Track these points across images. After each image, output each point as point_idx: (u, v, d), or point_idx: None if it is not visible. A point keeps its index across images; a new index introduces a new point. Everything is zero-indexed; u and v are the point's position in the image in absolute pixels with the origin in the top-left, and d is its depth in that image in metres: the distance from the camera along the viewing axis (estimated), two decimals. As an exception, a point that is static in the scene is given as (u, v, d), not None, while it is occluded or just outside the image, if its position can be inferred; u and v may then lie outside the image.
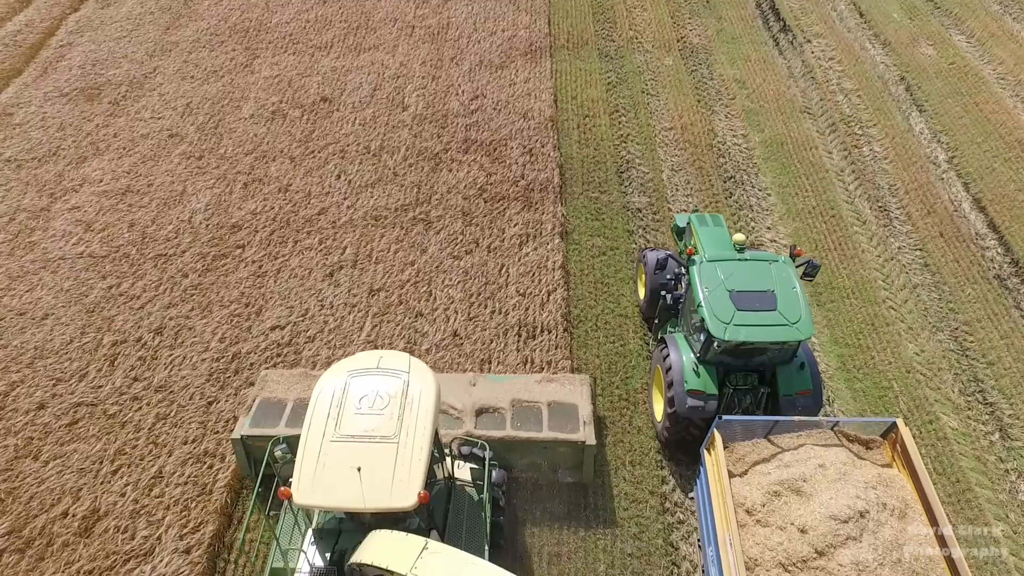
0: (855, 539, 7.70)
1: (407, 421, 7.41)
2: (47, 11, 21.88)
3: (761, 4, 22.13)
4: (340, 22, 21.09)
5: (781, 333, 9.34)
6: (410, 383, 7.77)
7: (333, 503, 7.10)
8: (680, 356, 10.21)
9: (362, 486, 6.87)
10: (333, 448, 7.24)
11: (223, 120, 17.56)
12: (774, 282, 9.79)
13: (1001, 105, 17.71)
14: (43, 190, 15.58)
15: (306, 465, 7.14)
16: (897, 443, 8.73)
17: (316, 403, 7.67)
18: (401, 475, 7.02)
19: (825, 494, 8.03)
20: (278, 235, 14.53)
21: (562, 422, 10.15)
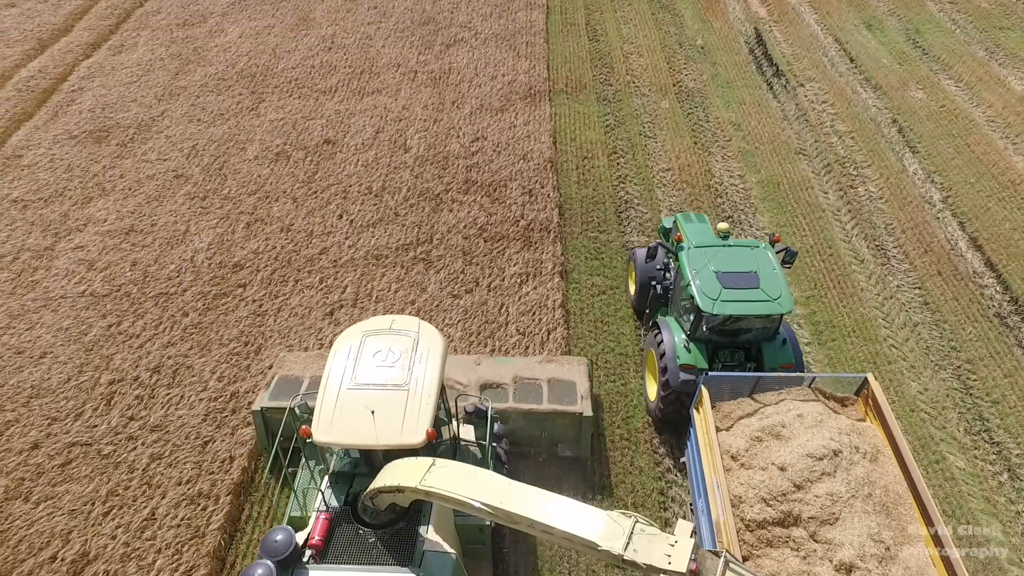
0: (830, 475, 8.47)
1: (416, 372, 8.04)
2: (61, 58, 22.51)
3: (754, 50, 22.76)
4: (345, 67, 21.67)
5: (764, 307, 10.24)
6: (419, 341, 8.43)
7: (349, 440, 7.70)
8: (672, 336, 11.03)
9: (375, 426, 7.50)
10: (349, 394, 7.86)
11: (228, 161, 17.86)
12: (756, 264, 10.74)
13: (993, 147, 18.02)
14: (48, 230, 15.75)
15: (325, 408, 7.78)
16: (869, 398, 9.52)
17: (334, 357, 8.35)
18: (411, 417, 7.62)
19: (802, 437, 8.84)
20: (279, 274, 14.61)
21: (561, 396, 10.75)
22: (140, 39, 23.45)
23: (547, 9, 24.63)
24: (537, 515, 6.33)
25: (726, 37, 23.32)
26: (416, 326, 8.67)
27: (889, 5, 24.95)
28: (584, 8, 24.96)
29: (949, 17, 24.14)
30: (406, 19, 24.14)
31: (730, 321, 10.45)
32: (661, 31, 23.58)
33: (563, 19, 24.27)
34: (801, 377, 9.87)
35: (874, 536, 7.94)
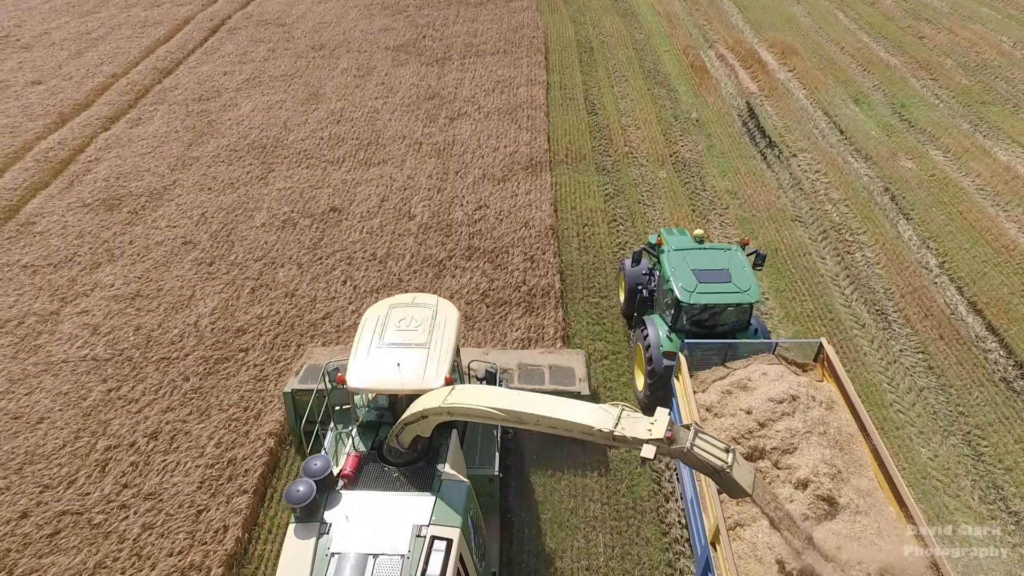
0: (789, 415, 9.85)
1: (435, 335, 9.43)
2: (80, 130, 23.41)
3: (747, 123, 23.63)
4: (352, 139, 22.47)
5: (735, 298, 11.79)
6: (438, 311, 9.89)
7: (378, 386, 8.98)
8: (656, 330, 12.50)
9: (400, 375, 8.83)
10: (378, 351, 9.22)
11: (236, 229, 18.25)
12: (728, 263, 12.37)
13: (984, 214, 18.41)
14: (55, 294, 15.92)
15: (357, 361, 9.13)
16: (825, 362, 10.88)
17: (364, 324, 9.78)
18: (431, 367, 8.97)
19: (766, 387, 10.27)
20: (282, 339, 14.64)
21: (561, 379, 12.07)
22: (157, 113, 24.45)
23: (547, 85, 25.76)
24: (543, 411, 7.74)
25: (719, 111, 24.26)
26: (435, 300, 10.16)
27: (874, 81, 26.09)
28: (583, 84, 26.11)
29: (932, 93, 25.19)
30: (412, 94, 25.22)
31: (706, 311, 11.97)
32: (657, 105, 24.57)
33: (563, 94, 25.35)
34: (767, 344, 11.35)
35: (827, 461, 9.18)
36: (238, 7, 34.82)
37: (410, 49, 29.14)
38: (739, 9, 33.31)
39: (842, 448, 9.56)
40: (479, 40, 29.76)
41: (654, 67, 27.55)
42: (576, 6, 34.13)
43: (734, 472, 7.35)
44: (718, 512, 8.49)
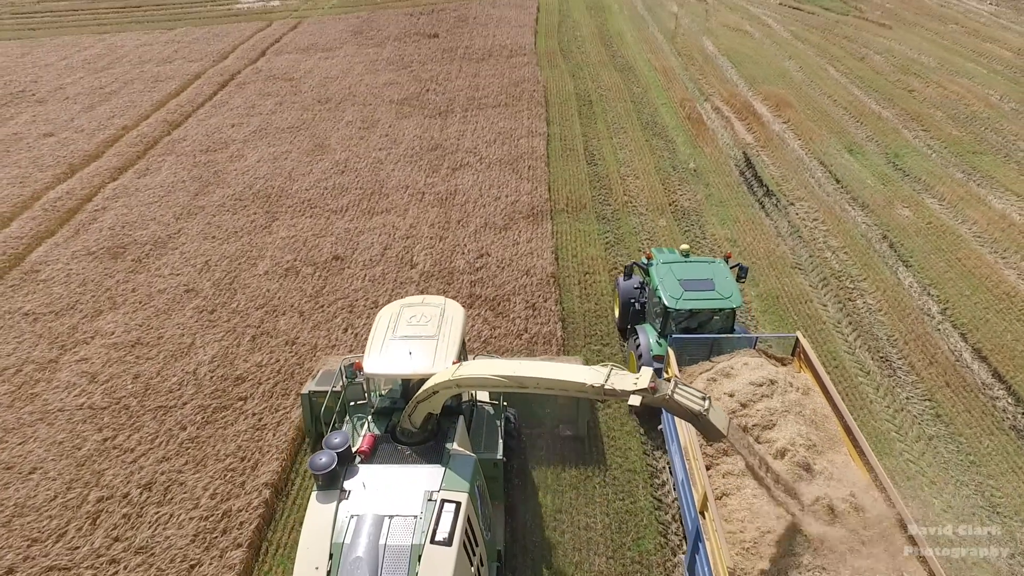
0: (768, 396, 10.68)
1: (444, 329, 10.41)
2: (88, 180, 23.83)
3: (744, 172, 24.04)
4: (356, 189, 22.83)
5: (717, 303, 12.81)
6: (446, 309, 10.95)
7: (392, 371, 9.95)
8: (647, 337, 13.54)
9: (412, 361, 9.81)
10: (392, 343, 10.21)
11: (238, 277, 18.33)
12: (712, 273, 13.39)
13: (983, 260, 18.51)
14: (55, 342, 15.86)
15: (373, 350, 10.14)
16: (802, 355, 11.82)
17: (378, 321, 10.83)
18: (440, 355, 9.89)
19: (747, 374, 11.10)
20: (281, 387, 14.49)
21: None
22: (165, 163, 24.94)
23: (547, 137, 26.35)
24: (542, 374, 8.69)
25: (717, 161, 24.72)
26: (443, 300, 11.23)
27: (867, 132, 26.68)
28: (582, 136, 26.70)
29: (924, 143, 25.73)
30: (415, 145, 25.77)
31: (692, 316, 12.94)
32: (655, 156, 25.06)
33: (562, 145, 25.90)
34: (748, 339, 12.42)
35: (803, 435, 10.00)
36: (248, 63, 35.98)
37: (414, 102, 29.95)
38: (733, 64, 34.37)
39: (817, 426, 10.48)
40: (481, 94, 30.61)
41: (652, 119, 28.24)
42: (575, 61, 35.25)
43: (711, 415, 8.27)
44: (706, 483, 9.16)
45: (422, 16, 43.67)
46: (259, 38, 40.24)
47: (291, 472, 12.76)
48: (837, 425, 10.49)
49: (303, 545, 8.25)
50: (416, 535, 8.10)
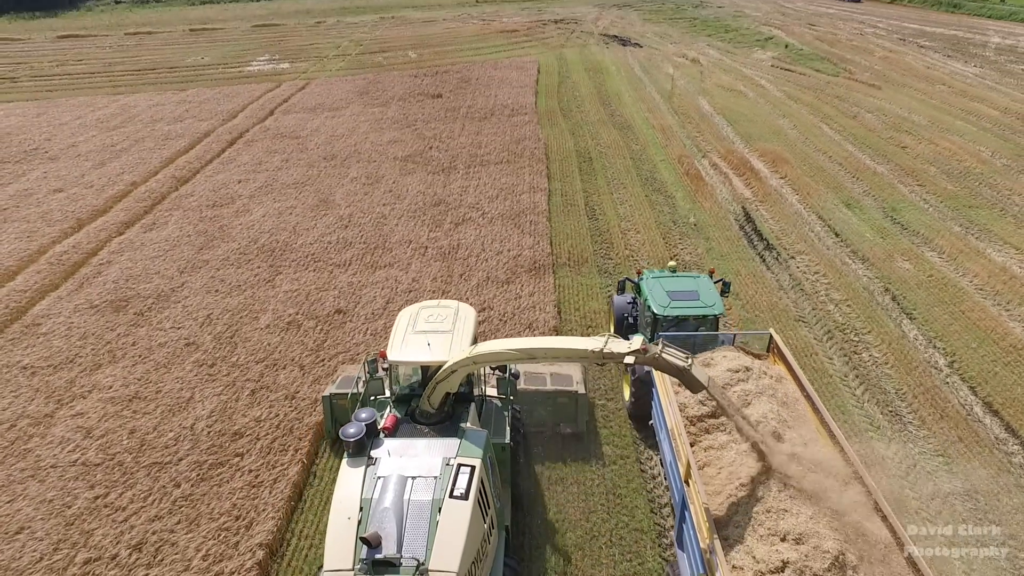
0: (744, 381, 12.01)
1: (457, 325, 11.63)
2: (95, 235, 24.08)
3: (744, 227, 24.29)
4: (359, 243, 23.02)
5: (701, 310, 14.13)
6: (459, 310, 12.18)
7: (413, 358, 11.09)
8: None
9: (431, 351, 10.98)
10: (412, 336, 11.44)
11: (240, 330, 18.25)
12: (697, 286, 14.86)
13: (987, 313, 18.45)
14: (51, 396, 15.64)
15: (396, 341, 11.38)
16: (775, 349, 13.15)
17: (399, 320, 12.08)
18: (455, 346, 11.00)
19: (725, 363, 12.46)
20: (280, 443, 14.20)
21: (560, 382, 14.25)
22: (172, 218, 25.26)
23: (549, 192, 26.78)
24: (549, 345, 10.30)
25: (716, 215, 25.03)
26: (456, 303, 12.49)
27: (863, 187, 27.12)
28: (583, 191, 27.15)
29: (920, 198, 26.11)
30: (419, 201, 26.17)
31: (678, 322, 14.05)
32: (655, 210, 25.39)
33: (564, 200, 26.29)
34: (727, 336, 13.80)
35: (774, 412, 11.17)
36: (256, 122, 36.98)
37: (417, 159, 30.60)
38: (728, 122, 35.30)
39: (788, 407, 11.67)
40: (483, 151, 31.31)
41: (651, 175, 28.77)
42: (575, 120, 36.23)
43: (693, 370, 9.76)
44: (689, 455, 10.14)
45: (426, 77, 45.19)
46: (268, 98, 41.51)
47: (287, 532, 12.36)
48: (807, 407, 11.78)
49: (336, 501, 9.32)
50: (436, 492, 9.22)
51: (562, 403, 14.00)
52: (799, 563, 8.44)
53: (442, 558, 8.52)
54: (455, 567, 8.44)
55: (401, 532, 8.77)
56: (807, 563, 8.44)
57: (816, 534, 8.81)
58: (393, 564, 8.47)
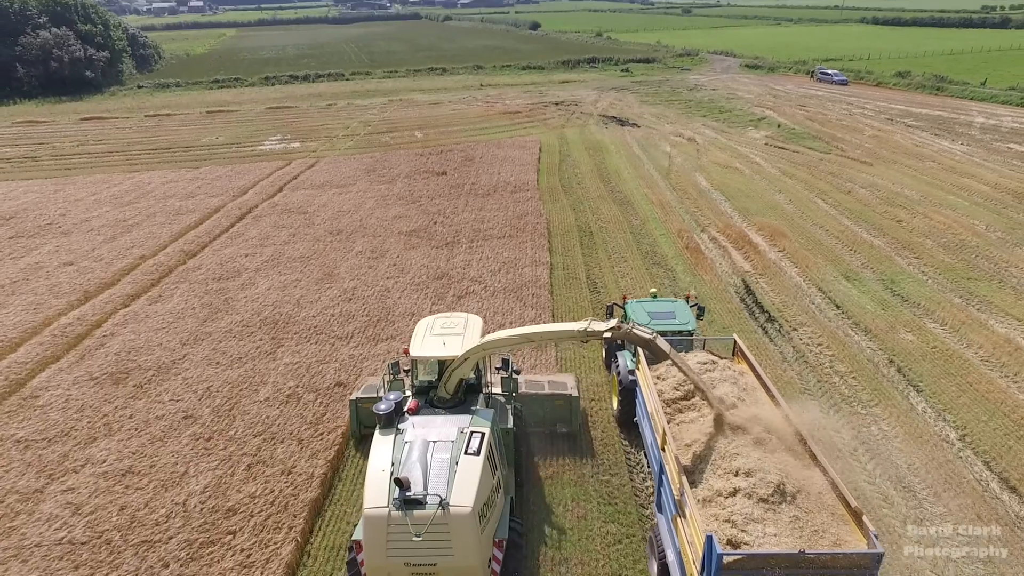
0: (710, 371, 14.09)
1: (467, 331, 13.89)
2: (101, 307, 24.29)
3: (744, 299, 24.41)
4: (362, 316, 23.14)
5: (676, 327, 16.64)
6: (468, 319, 14.52)
7: (432, 353, 13.35)
8: (623, 359, 16.57)
9: (445, 348, 13.29)
10: (430, 337, 13.81)
11: (239, 403, 18.08)
12: (674, 309, 17.69)
13: (995, 385, 18.21)
14: (43, 471, 15.32)
15: (416, 342, 13.75)
16: (739, 352, 15.03)
17: (418, 328, 14.38)
18: (465, 344, 13.18)
19: (693, 358, 14.52)
20: (274, 520, 13.76)
21: (556, 387, 16.54)
22: (177, 291, 25.55)
23: (550, 266, 27.13)
24: (542, 330, 12.95)
25: (717, 288, 25.21)
26: (466, 314, 14.83)
27: (861, 260, 27.43)
28: (584, 265, 27.50)
29: (919, 270, 26.34)
30: (422, 274, 26.50)
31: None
32: (656, 283, 25.59)
33: (565, 274, 26.60)
34: (698, 342, 16.02)
35: (734, 393, 13.03)
36: (265, 198, 38.04)
37: (421, 234, 31.23)
38: (726, 198, 36.17)
39: (747, 392, 13.41)
40: (486, 226, 31.99)
41: (651, 249, 29.22)
42: (575, 196, 37.19)
43: (657, 341, 12.42)
44: (664, 425, 11.97)
45: (431, 156, 46.79)
46: (278, 175, 42.89)
47: (277, 617, 11.79)
48: (764, 395, 13.35)
49: (371, 460, 11.47)
50: (454, 451, 11.40)
51: (558, 405, 16.26)
52: (748, 489, 10.41)
53: (460, 496, 10.65)
54: (470, 503, 10.56)
55: (426, 479, 10.91)
56: (754, 489, 10.39)
57: (761, 469, 10.73)
58: (420, 501, 10.57)
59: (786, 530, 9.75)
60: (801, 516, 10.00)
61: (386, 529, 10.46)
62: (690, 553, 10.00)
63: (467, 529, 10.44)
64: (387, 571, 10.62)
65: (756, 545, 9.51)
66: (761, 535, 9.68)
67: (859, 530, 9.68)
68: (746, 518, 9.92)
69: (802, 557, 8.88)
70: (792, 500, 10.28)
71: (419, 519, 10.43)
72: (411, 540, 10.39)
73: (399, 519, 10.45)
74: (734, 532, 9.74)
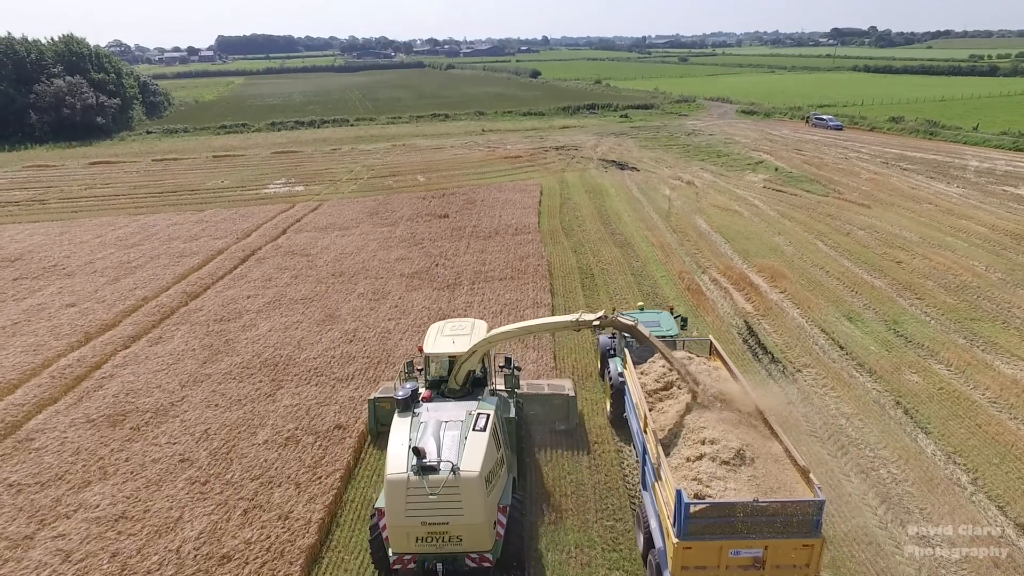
0: (688, 363, 15.28)
1: (473, 332, 15.98)
2: (101, 348, 24.19)
3: (747, 340, 24.28)
4: (363, 358, 23.01)
5: (660, 333, 17.95)
6: (474, 323, 16.73)
7: (443, 350, 15.51)
8: (615, 365, 18.62)
9: (455, 345, 15.47)
10: (441, 337, 16.05)
11: (236, 446, 17.80)
12: (659, 319, 19.74)
13: (1005, 427, 17.93)
14: (34, 516, 14.97)
15: (429, 340, 16.07)
16: (715, 351, 16.77)
17: (430, 330, 16.64)
18: (472, 341, 15.30)
19: (677, 355, 15.62)
20: (269, 567, 13.38)
21: (555, 388, 18.53)
22: (178, 332, 25.48)
23: (552, 307, 27.11)
24: (540, 323, 16.18)
25: (719, 329, 25.11)
26: (472, 319, 17.26)
27: (863, 301, 27.40)
28: (586, 306, 27.42)
29: (921, 311, 26.28)
30: (424, 316, 26.46)
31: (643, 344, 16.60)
32: (658, 324, 25.49)
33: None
34: (681, 342, 17.59)
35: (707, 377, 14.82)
36: (269, 240, 38.35)
37: (423, 276, 31.34)
38: (726, 240, 36.41)
39: (718, 377, 15.20)
40: (488, 268, 32.13)
41: (652, 290, 29.24)
42: (576, 238, 37.46)
43: (639, 326, 14.45)
44: (645, 409, 13.78)
45: (433, 199, 47.38)
46: (282, 218, 43.34)
47: (270, 672, 11.32)
48: (734, 382, 14.83)
49: (391, 438, 13.10)
50: (463, 429, 13.08)
51: (557, 404, 18.16)
52: (712, 454, 12.05)
53: (469, 462, 12.23)
54: (478, 468, 12.10)
55: (439, 450, 12.55)
56: (718, 454, 12.00)
57: (724, 438, 12.34)
58: (434, 467, 12.12)
59: (745, 486, 11.28)
60: (758, 476, 11.55)
61: (405, 492, 11.92)
62: (665, 511, 11.44)
63: (475, 491, 11.97)
64: (406, 530, 12.09)
65: (718, 497, 11.09)
66: (723, 490, 11.26)
67: (808, 486, 11.24)
68: (710, 476, 11.56)
69: (756, 505, 10.42)
70: (751, 463, 11.86)
71: (434, 482, 11.94)
72: (427, 500, 11.89)
73: (417, 483, 11.94)
74: (700, 488, 11.36)
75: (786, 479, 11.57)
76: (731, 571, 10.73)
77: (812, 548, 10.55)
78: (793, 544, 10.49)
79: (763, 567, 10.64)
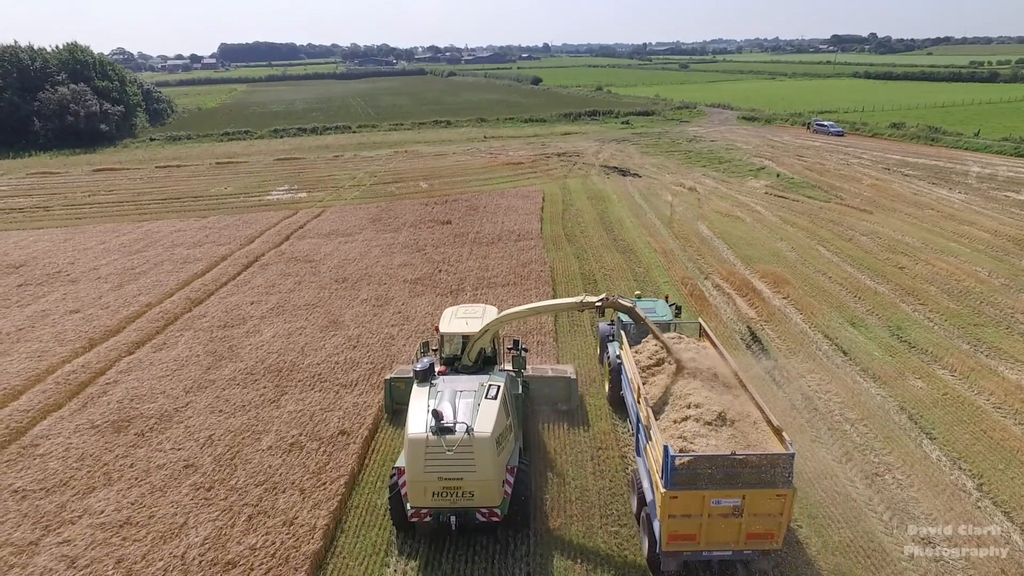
0: (677, 342, 16.87)
1: (484, 315, 17.64)
2: (105, 355, 24.24)
3: (751, 346, 24.28)
4: (366, 363, 23.03)
5: (655, 318, 18.59)
6: (485, 307, 18.38)
7: (458, 329, 17.09)
8: (613, 348, 20.03)
9: (468, 326, 17.11)
10: (455, 319, 17.69)
11: (241, 452, 17.82)
12: (654, 306, 21.40)
13: (1010, 433, 17.90)
14: (39, 522, 14.99)
15: (444, 321, 17.62)
16: (704, 333, 18.25)
17: (445, 314, 18.27)
18: (484, 320, 16.99)
19: (667, 335, 16.87)
20: (274, 573, 13.37)
21: (558, 372, 20.07)
22: (182, 338, 25.53)
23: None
24: (548, 304, 17.55)
25: (722, 335, 25.07)
26: (483, 305, 18.88)
27: (866, 306, 27.39)
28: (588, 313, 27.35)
29: (924, 316, 26.26)
30: (427, 322, 26.46)
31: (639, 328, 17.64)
32: (661, 330, 25.51)
33: (570, 321, 26.54)
34: (674, 325, 19.27)
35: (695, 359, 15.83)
36: (272, 246, 38.45)
37: (426, 282, 31.39)
38: (728, 245, 36.45)
39: (707, 357, 16.37)
40: (490, 274, 32.18)
41: (655, 295, 29.22)
42: (579, 245, 37.52)
43: (636, 309, 16.33)
44: (638, 381, 15.05)
45: (436, 206, 47.49)
46: (285, 224, 43.46)
47: None
48: (720, 359, 16.28)
49: (411, 405, 14.44)
50: (476, 398, 14.41)
51: (559, 386, 19.57)
52: (695, 416, 13.41)
53: (481, 424, 13.56)
54: (490, 430, 13.44)
55: (455, 414, 13.90)
56: (700, 416, 13.36)
57: (707, 402, 13.79)
58: (450, 428, 13.41)
59: (725, 443, 12.59)
60: (737, 434, 12.94)
61: (424, 449, 13.22)
62: (655, 467, 12.66)
63: (487, 450, 13.24)
64: (424, 485, 13.36)
65: (701, 452, 12.23)
66: (705, 446, 12.48)
67: (781, 443, 12.43)
68: (694, 435, 12.86)
69: (734, 458, 11.67)
70: (731, 424, 13.23)
71: (450, 442, 13.25)
72: (444, 457, 13.16)
73: (435, 441, 13.24)
74: (684, 444, 12.60)
75: (761, 437, 12.92)
76: (713, 519, 11.88)
77: (784, 498, 11.67)
78: (767, 494, 11.66)
79: (741, 515, 11.83)
